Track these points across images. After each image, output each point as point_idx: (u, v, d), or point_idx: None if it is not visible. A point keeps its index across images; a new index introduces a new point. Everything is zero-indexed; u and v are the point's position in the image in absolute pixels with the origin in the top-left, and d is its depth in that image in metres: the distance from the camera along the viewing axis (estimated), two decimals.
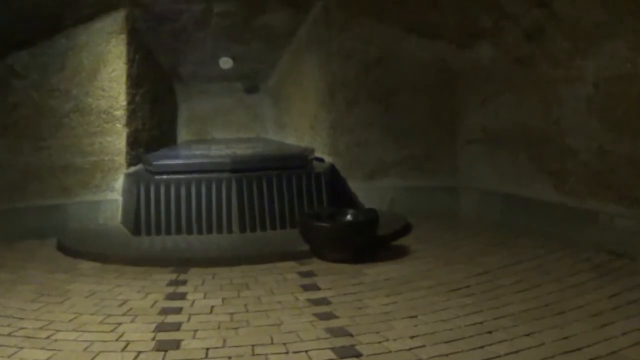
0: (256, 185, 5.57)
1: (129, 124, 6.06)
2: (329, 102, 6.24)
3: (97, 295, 4.23)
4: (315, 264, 4.80)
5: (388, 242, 5.27)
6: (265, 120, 7.62)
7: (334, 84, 6.20)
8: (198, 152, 6.12)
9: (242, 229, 5.48)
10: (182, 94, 7.42)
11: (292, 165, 5.79)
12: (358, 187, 6.27)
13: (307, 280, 4.42)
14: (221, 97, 7.52)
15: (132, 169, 6.14)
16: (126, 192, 5.91)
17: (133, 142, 6.17)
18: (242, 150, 6.16)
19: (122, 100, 5.99)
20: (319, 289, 4.25)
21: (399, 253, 5.04)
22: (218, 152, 6.06)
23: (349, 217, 5.06)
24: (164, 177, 5.59)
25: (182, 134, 7.47)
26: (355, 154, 6.28)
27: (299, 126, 6.86)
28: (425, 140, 6.27)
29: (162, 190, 5.51)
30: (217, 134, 7.56)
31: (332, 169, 6.08)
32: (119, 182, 6.06)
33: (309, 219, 4.95)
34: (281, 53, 6.94)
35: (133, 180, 5.70)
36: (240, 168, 5.62)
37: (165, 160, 5.72)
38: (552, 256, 4.83)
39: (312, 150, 6.22)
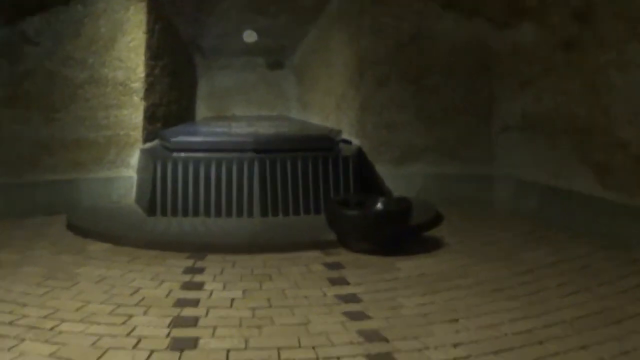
0: (280, 167, 5.20)
1: (146, 97, 5.70)
2: (358, 81, 5.84)
3: (107, 281, 3.89)
4: (343, 255, 4.44)
5: (419, 233, 4.89)
6: (288, 99, 7.24)
7: (364, 61, 5.80)
8: (218, 130, 5.75)
9: (264, 214, 5.11)
10: (202, 68, 7.04)
11: (318, 147, 5.42)
12: (386, 173, 5.90)
13: (334, 273, 4.06)
14: (243, 72, 7.14)
15: (149, 145, 5.79)
16: (142, 169, 5.56)
17: (150, 117, 5.81)
18: (264, 129, 5.78)
19: (140, 72, 5.62)
20: (347, 283, 3.89)
21: (432, 245, 4.66)
22: (239, 131, 5.69)
23: (379, 205, 4.69)
24: (182, 154, 5.23)
25: (201, 110, 7.10)
26: (384, 136, 5.89)
27: (325, 105, 6.48)
28: (458, 124, 5.87)
29: (180, 168, 5.15)
30: (238, 111, 7.19)
31: (360, 152, 5.70)
32: (134, 159, 5.71)
33: (336, 206, 4.58)
34: (308, 27, 6.54)
35: (149, 157, 5.34)
36: (264, 148, 5.25)
37: (184, 137, 5.36)
38: (598, 255, 4.44)
39: (339, 132, 5.85)
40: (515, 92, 5.64)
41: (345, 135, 5.91)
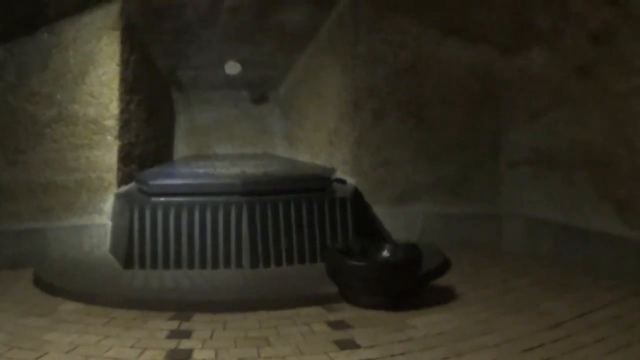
0: (271, 211, 4.76)
1: (121, 135, 5.25)
2: (352, 114, 5.44)
3: (80, 350, 3.41)
4: (347, 311, 3.99)
5: (428, 281, 4.46)
6: (273, 135, 6.82)
7: (360, 92, 5.41)
8: (201, 171, 5.30)
9: (254, 264, 4.66)
10: (181, 103, 6.60)
11: (311, 188, 5.00)
12: (384, 213, 5.48)
13: (341, 334, 3.60)
14: (225, 107, 6.72)
15: (124, 188, 5.32)
16: (117, 215, 5.08)
17: (125, 157, 5.35)
18: (251, 169, 5.35)
19: (114, 108, 5.18)
20: (358, 346, 3.44)
21: (443, 296, 4.24)
22: (224, 171, 5.24)
23: (385, 253, 4.26)
24: (162, 199, 4.78)
25: (180, 149, 6.65)
26: (382, 174, 5.49)
27: (315, 141, 6.06)
28: (462, 159, 5.49)
29: (160, 215, 4.69)
30: (219, 149, 6.75)
31: (356, 192, 5.28)
32: (108, 204, 5.24)
33: (338, 255, 4.13)
34: (296, 56, 6.14)
35: (125, 202, 4.87)
36: (253, 190, 4.82)
37: (163, 179, 4.90)
38: (628, 304, 4.05)
39: (333, 170, 5.42)
40: (524, 123, 5.28)
41: (339, 174, 5.49)
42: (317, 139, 6.03)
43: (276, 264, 4.72)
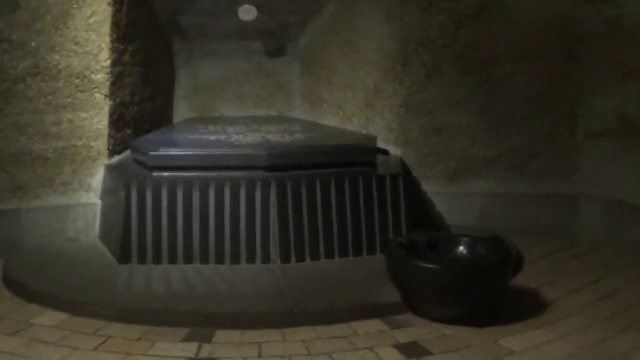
0: (306, 190, 3.85)
1: (113, 94, 4.32)
2: (399, 71, 4.52)
3: None
4: (418, 328, 3.13)
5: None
6: (291, 94, 5.88)
7: (410, 45, 4.49)
8: (212, 138, 4.36)
9: (285, 258, 3.77)
10: (183, 55, 5.64)
11: (356, 162, 4.10)
12: (436, 192, 4.61)
13: None
14: (235, 60, 5.78)
15: (116, 159, 4.40)
16: (108, 193, 4.16)
17: (118, 121, 4.42)
18: (273, 136, 4.39)
19: (104, 59, 4.23)
20: None
21: (531, 304, 3.41)
22: (242, 139, 4.29)
23: (462, 249, 3.37)
24: (167, 174, 3.87)
25: (181, 111, 5.71)
26: (435, 144, 4.60)
27: (346, 103, 5.13)
28: (532, 128, 4.62)
29: (165, 194, 3.78)
30: (228, 111, 5.79)
31: (405, 167, 4.36)
32: (97, 179, 4.35)
33: (404, 253, 3.22)
34: (325, 0, 5.19)
35: (119, 177, 3.95)
36: (282, 164, 3.91)
37: (168, 148, 3.98)
38: None
39: (374, 139, 4.48)
40: (612, 86, 4.41)
41: (380, 144, 4.56)
42: (350, 100, 5.09)
43: (312, 258, 3.83)
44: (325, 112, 5.48)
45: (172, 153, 3.94)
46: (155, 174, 3.89)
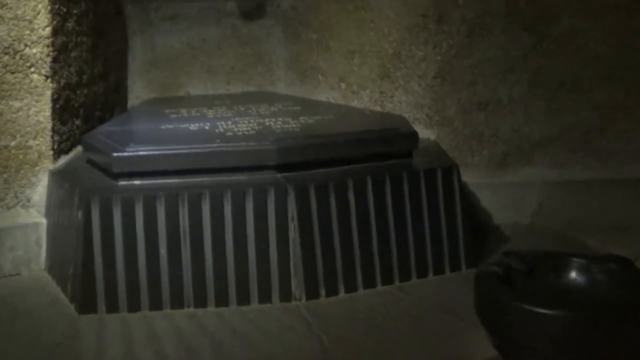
0: (336, 196, 2.81)
1: (56, 73, 3.24)
2: (434, 29, 3.54)
3: None
4: None
5: None
6: (272, 64, 4.82)
7: None
8: (193, 127, 3.30)
9: (312, 292, 2.81)
10: (136, 20, 4.53)
11: (392, 152, 3.07)
12: (479, 183, 3.66)
13: None
14: (202, 26, 4.70)
15: (63, 161, 3.32)
16: (56, 209, 3.09)
17: (64, 109, 3.35)
18: (271, 121, 3.35)
19: (42, 25, 3.14)
20: None
21: None
22: (232, 127, 3.23)
23: (573, 275, 2.41)
24: (139, 182, 2.83)
25: (136, 89, 4.59)
26: (478, 123, 3.66)
27: (350, 73, 4.14)
28: (602, 98, 3.71)
29: (140, 212, 2.73)
30: (195, 89, 4.70)
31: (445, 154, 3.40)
32: (40, 190, 3.27)
33: (504, 290, 2.26)
34: None
35: (71, 188, 2.93)
36: (301, 161, 2.92)
37: (138, 146, 2.90)
38: None
39: (405, 121, 3.49)
40: None
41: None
42: (355, 69, 4.09)
43: (348, 289, 2.86)
44: (319, 85, 4.44)
45: (145, 152, 2.90)
46: (122, 182, 2.86)
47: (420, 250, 2.99)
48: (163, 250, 2.73)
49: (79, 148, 3.42)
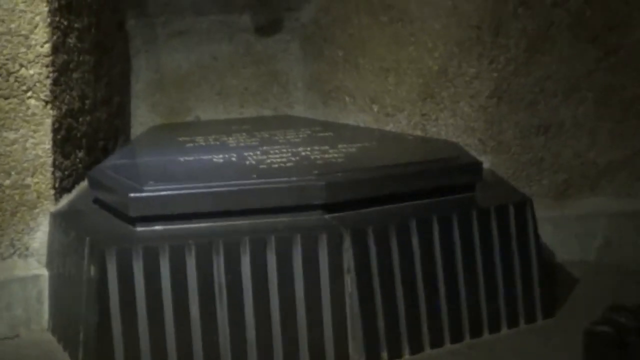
0: (397, 241, 2.36)
1: (56, 97, 2.78)
2: (490, 43, 3.12)
3: None
4: None
5: None
6: (290, 84, 4.37)
7: (505, 3, 3.09)
8: (218, 159, 2.84)
9: (373, 355, 2.39)
10: (140, 37, 4.09)
11: (454, 186, 2.63)
12: (537, 216, 3.16)
13: None
14: (212, 42, 4.26)
15: (66, 200, 2.84)
16: (60, 258, 2.62)
17: (66, 140, 2.89)
18: (307, 150, 2.91)
19: (40, 41, 2.68)
20: None
21: None
22: (263, 158, 2.77)
23: None
24: (161, 228, 2.36)
25: (140, 114, 4.14)
26: (538, 149, 3.26)
27: (384, 94, 3.72)
28: None
29: (165, 267, 2.25)
30: (205, 113, 4.25)
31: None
32: (40, 235, 2.80)
33: (616, 352, 1.82)
34: None
35: (79, 237, 2.46)
36: (354, 199, 2.49)
37: (159, 184, 2.43)
38: None
39: (460, 148, 3.06)
40: None
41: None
42: (391, 89, 3.65)
43: (413, 350, 2.43)
44: (346, 107, 4.00)
45: (168, 191, 2.43)
46: (141, 228, 2.38)
47: (492, 300, 2.56)
48: (195, 311, 2.27)
49: (83, 185, 2.96)
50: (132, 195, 2.40)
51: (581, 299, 2.93)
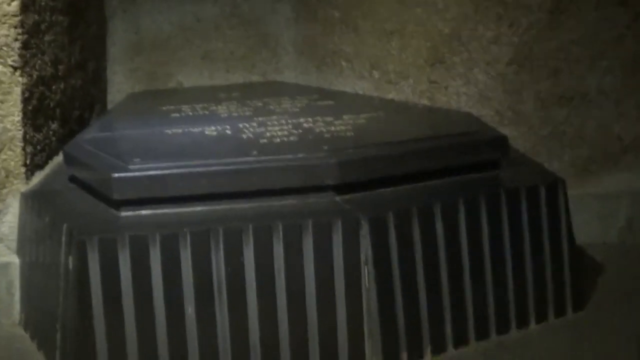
0: (420, 227, 2.07)
1: (26, 63, 2.44)
2: (510, 1, 2.81)
3: None
4: None
5: None
6: (279, 48, 4.07)
7: None
8: (211, 131, 2.53)
9: (392, 357, 2.12)
10: None
11: (477, 164, 2.35)
12: None
13: None
14: (196, 1, 3.93)
15: (38, 178, 2.52)
16: (32, 246, 2.32)
17: (37, 111, 2.56)
18: (308, 122, 2.61)
19: None
20: None
21: None
22: (261, 131, 2.47)
23: None
24: (150, 213, 2.07)
25: (117, 81, 3.81)
26: (559, 121, 3.00)
27: (386, 59, 3.42)
28: None
29: (156, 258, 1.94)
30: (188, 78, 3.94)
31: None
32: (9, 218, 2.52)
33: None
34: None
35: (54, 222, 2.15)
36: (368, 178, 2.16)
37: (147, 162, 2.11)
38: None
39: (475, 119, 2.77)
40: None
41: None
42: (394, 53, 3.36)
43: (435, 349, 2.15)
44: (342, 73, 3.69)
45: (158, 170, 2.12)
46: (126, 213, 2.07)
47: (520, 293, 2.30)
48: (190, 309, 1.97)
49: (57, 160, 2.65)
50: (115, 175, 2.09)
51: (606, 287, 2.69)
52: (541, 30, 2.86)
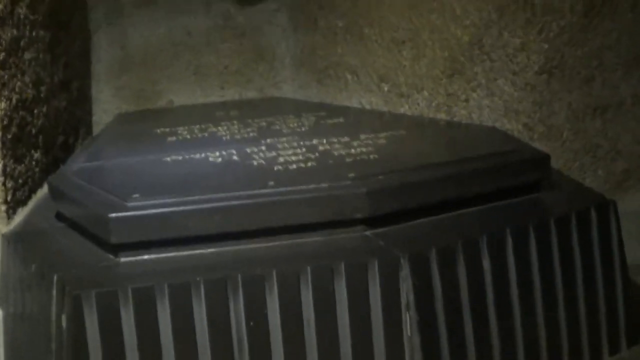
0: (466, 265, 1.79)
1: (5, 86, 2.19)
2: (539, 4, 2.61)
3: None
4: None
5: None
6: (277, 61, 3.82)
7: None
8: (215, 158, 2.24)
9: None
10: (103, 6, 3.49)
11: (517, 187, 2.09)
12: None
13: None
14: (186, 13, 3.70)
15: (21, 217, 2.23)
16: (17, 296, 2.03)
17: (17, 139, 2.27)
18: (323, 144, 2.34)
19: None
20: None
21: None
22: (272, 156, 2.18)
23: None
24: (154, 258, 1.76)
25: (104, 100, 3.56)
26: (593, 134, 2.77)
27: (397, 70, 3.18)
28: None
29: (165, 314, 1.66)
30: (179, 96, 3.68)
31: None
32: None
33: None
34: None
35: (41, 270, 1.84)
36: (402, 209, 1.90)
37: (153, 197, 1.83)
38: None
39: (507, 136, 2.50)
40: None
41: None
42: (406, 64, 3.09)
43: None
44: (347, 87, 3.43)
45: (161, 209, 1.81)
46: (125, 259, 1.78)
47: (573, 331, 2.02)
48: None
49: (41, 193, 2.35)
50: (112, 215, 1.79)
51: None
52: (573, 35, 2.60)
